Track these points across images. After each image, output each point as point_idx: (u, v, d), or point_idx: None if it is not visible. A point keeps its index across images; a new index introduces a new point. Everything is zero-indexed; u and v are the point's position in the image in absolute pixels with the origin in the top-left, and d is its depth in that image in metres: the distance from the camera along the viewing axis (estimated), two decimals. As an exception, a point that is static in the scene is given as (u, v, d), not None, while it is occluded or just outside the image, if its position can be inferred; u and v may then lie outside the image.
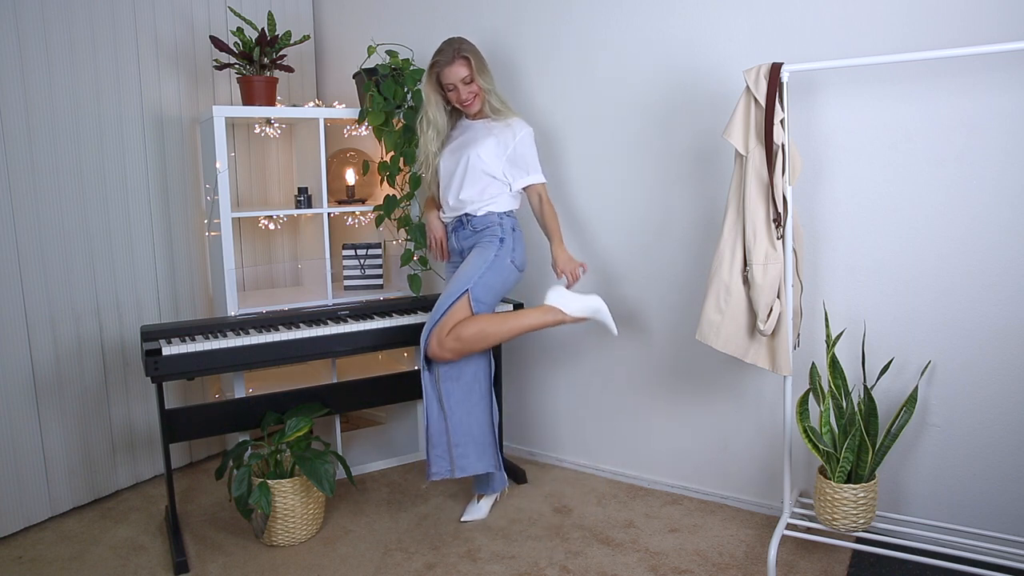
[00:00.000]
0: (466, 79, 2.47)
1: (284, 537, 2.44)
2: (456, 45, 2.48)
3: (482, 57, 2.52)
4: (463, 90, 2.49)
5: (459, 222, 2.58)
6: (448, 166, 2.57)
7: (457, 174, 2.54)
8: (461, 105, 2.53)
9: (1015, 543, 2.11)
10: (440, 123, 2.58)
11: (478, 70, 2.48)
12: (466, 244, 2.58)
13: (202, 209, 3.09)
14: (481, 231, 2.53)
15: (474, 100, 2.52)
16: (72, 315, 2.68)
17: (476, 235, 2.55)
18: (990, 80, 2.05)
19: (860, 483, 2.06)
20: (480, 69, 2.49)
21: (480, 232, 2.54)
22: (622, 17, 2.66)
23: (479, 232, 2.54)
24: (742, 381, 2.57)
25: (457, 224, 2.60)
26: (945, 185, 2.15)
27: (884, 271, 2.28)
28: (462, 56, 2.46)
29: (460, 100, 2.51)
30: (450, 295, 2.39)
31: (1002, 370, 2.14)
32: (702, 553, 2.35)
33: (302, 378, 2.98)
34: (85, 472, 2.75)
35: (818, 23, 2.28)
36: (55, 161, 2.59)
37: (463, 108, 2.55)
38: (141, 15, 2.84)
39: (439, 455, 2.41)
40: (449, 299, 2.37)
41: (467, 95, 2.50)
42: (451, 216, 2.61)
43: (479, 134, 2.54)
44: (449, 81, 2.48)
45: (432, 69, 2.50)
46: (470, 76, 2.47)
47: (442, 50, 2.49)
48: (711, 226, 2.54)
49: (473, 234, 2.55)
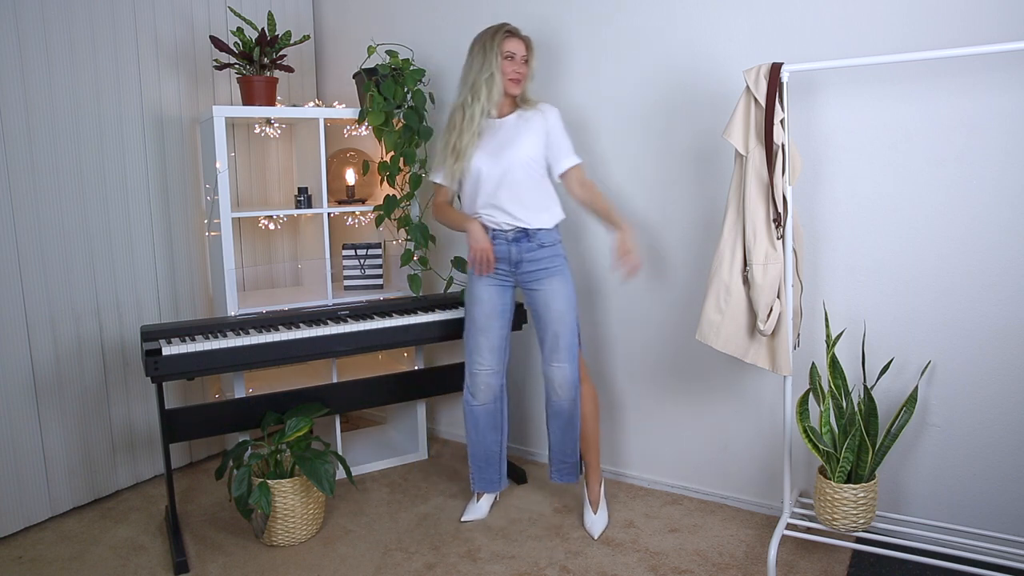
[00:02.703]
0: (525, 57, 2.43)
1: (284, 537, 2.44)
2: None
3: None
4: (520, 65, 2.42)
5: (523, 233, 2.42)
6: (490, 170, 2.41)
7: (505, 181, 2.40)
8: (510, 79, 2.41)
9: (1015, 543, 2.11)
10: (500, 90, 2.41)
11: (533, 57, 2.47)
12: (527, 257, 2.43)
13: (202, 209, 3.08)
14: (549, 246, 2.44)
15: (522, 80, 2.44)
16: (72, 315, 2.68)
17: (542, 250, 2.43)
18: (990, 80, 2.05)
19: (860, 483, 2.06)
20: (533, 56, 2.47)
21: (547, 248, 2.44)
22: (623, 19, 2.66)
23: (546, 247, 2.44)
24: (742, 381, 2.57)
25: (520, 235, 2.42)
26: (945, 185, 2.15)
27: (884, 271, 2.28)
28: (524, 37, 2.45)
29: (514, 70, 2.41)
30: (571, 329, 2.44)
31: (1002, 370, 2.14)
32: (702, 553, 2.35)
33: (302, 378, 2.98)
34: (85, 472, 2.75)
35: (818, 23, 2.28)
36: (55, 161, 2.59)
37: (509, 84, 2.41)
38: (141, 15, 2.84)
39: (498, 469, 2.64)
40: (573, 334, 2.45)
41: (522, 70, 2.43)
42: (505, 224, 2.42)
43: (513, 133, 2.43)
44: (513, 50, 2.40)
45: (501, 33, 2.41)
46: (527, 56, 2.44)
47: (508, 23, 2.45)
48: (711, 226, 2.54)
49: (539, 249, 2.43)
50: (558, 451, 2.58)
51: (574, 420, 2.52)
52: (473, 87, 2.41)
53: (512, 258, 2.45)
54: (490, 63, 2.38)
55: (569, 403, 2.49)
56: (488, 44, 2.40)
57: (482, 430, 2.59)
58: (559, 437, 2.56)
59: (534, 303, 2.48)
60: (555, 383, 2.47)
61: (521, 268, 2.45)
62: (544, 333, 2.47)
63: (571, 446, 2.56)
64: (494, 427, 2.60)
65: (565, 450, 2.57)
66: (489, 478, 2.63)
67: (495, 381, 2.55)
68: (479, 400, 2.56)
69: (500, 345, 2.53)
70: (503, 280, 2.50)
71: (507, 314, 2.54)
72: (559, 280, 2.44)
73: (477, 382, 2.55)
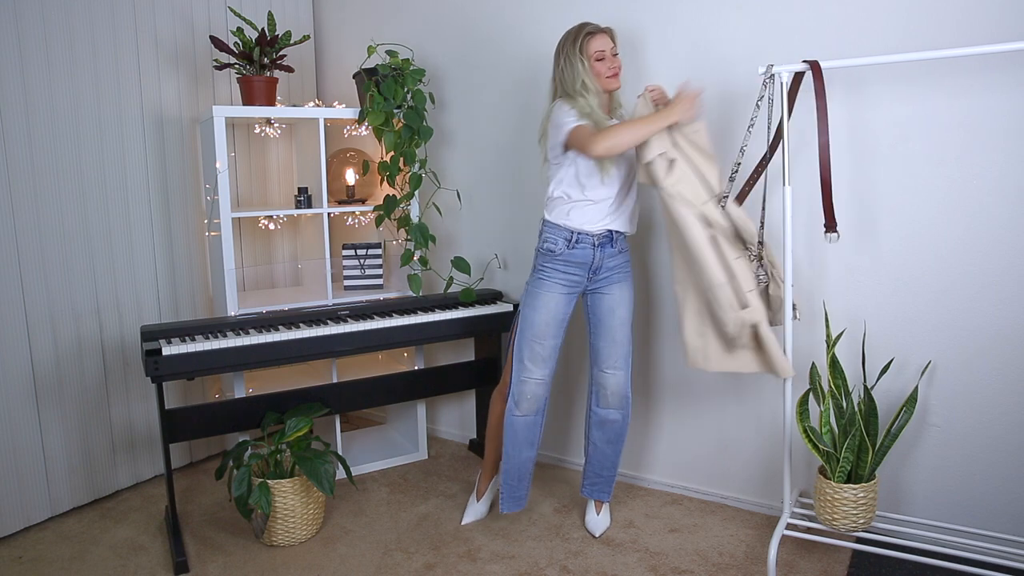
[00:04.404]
0: (614, 50, 2.29)
1: (284, 537, 2.44)
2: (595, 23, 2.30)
3: None
4: (614, 60, 2.28)
5: (609, 237, 2.31)
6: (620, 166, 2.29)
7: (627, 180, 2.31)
8: (608, 76, 2.27)
9: (1015, 543, 2.11)
10: (600, 94, 2.27)
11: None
12: (607, 264, 2.34)
13: (202, 209, 3.08)
14: (625, 251, 2.38)
15: (620, 72, 2.30)
16: (72, 315, 2.68)
17: (621, 255, 2.37)
18: (989, 80, 2.05)
19: (860, 483, 2.06)
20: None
21: (625, 253, 2.39)
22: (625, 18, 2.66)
23: (624, 253, 2.38)
24: (742, 381, 2.57)
25: (605, 239, 2.31)
26: (945, 185, 2.15)
27: (884, 271, 2.28)
28: (604, 29, 2.29)
29: (611, 69, 2.26)
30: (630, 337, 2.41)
31: (1002, 370, 2.14)
32: (702, 553, 2.35)
33: (302, 378, 2.98)
34: (85, 472, 2.75)
35: (818, 23, 2.28)
36: (55, 161, 2.59)
37: (608, 81, 2.27)
38: (141, 15, 2.84)
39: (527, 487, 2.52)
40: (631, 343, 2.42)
41: (618, 65, 2.29)
42: (603, 228, 2.30)
43: None
44: (601, 49, 2.24)
45: (583, 36, 2.24)
46: (615, 49, 2.29)
47: (586, 22, 2.29)
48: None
49: (618, 254, 2.36)
50: (597, 463, 2.49)
51: (622, 434, 2.45)
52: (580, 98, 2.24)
53: (594, 264, 2.32)
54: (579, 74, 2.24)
55: (619, 414, 2.42)
56: (574, 60, 2.24)
57: (520, 444, 2.42)
58: (601, 449, 2.47)
59: (598, 307, 2.39)
60: (608, 389, 2.40)
61: (599, 274, 2.35)
62: (602, 339, 2.39)
63: (613, 459, 2.48)
64: (530, 443, 2.44)
65: (605, 463, 2.49)
66: (518, 496, 2.48)
67: (542, 392, 2.39)
68: (522, 411, 2.38)
69: (554, 356, 2.38)
70: (573, 288, 2.35)
71: (567, 323, 2.38)
72: (628, 286, 2.39)
73: (524, 391, 2.37)
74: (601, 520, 2.51)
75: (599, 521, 2.51)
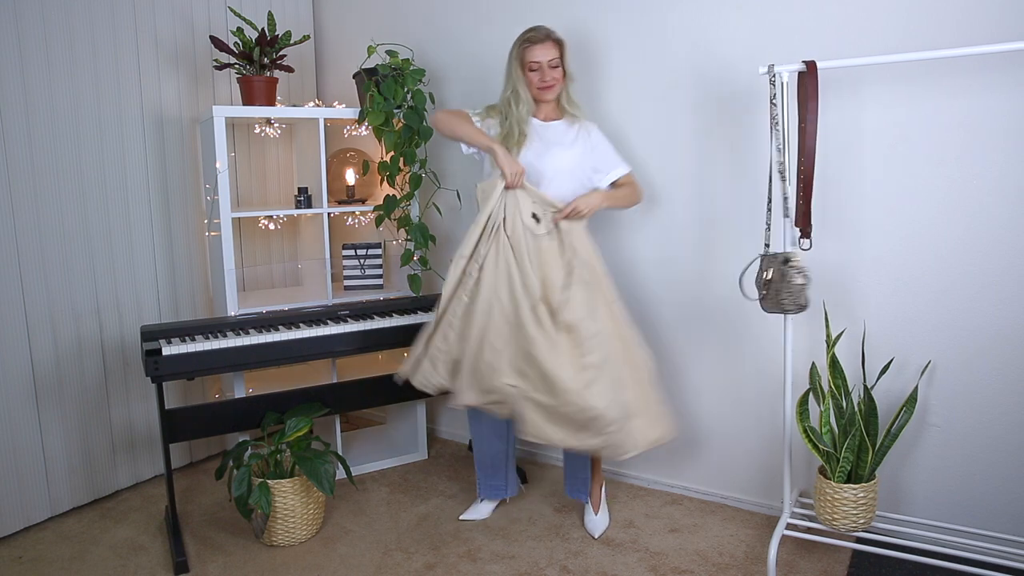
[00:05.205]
0: (553, 62, 2.34)
1: (284, 537, 2.44)
2: (548, 29, 2.36)
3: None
4: (548, 72, 2.34)
5: None
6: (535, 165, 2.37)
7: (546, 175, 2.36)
8: (539, 88, 2.35)
9: (1015, 543, 2.11)
10: (530, 103, 2.37)
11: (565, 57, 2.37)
12: None
13: (202, 209, 3.08)
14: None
15: (555, 85, 2.36)
16: (72, 315, 2.68)
17: None
18: (989, 80, 2.05)
19: (860, 483, 2.06)
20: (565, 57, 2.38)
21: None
22: (622, 15, 2.66)
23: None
24: (742, 381, 2.57)
25: None
26: (945, 185, 2.15)
27: (884, 271, 2.28)
28: (554, 39, 2.35)
29: (542, 81, 2.34)
30: None
31: (1002, 370, 2.14)
32: (702, 553, 2.35)
33: (302, 378, 2.98)
34: (85, 472, 2.75)
35: (818, 23, 2.28)
36: (55, 161, 2.59)
37: (539, 93, 2.36)
38: (141, 15, 2.84)
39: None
40: None
41: (550, 78, 2.34)
42: None
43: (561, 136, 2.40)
44: (535, 59, 2.32)
45: (521, 44, 2.35)
46: (558, 60, 2.35)
47: (535, 28, 2.36)
48: (709, 224, 2.54)
49: None
50: (571, 464, 2.54)
51: None
52: (506, 105, 2.38)
53: None
54: (512, 80, 2.37)
55: None
56: (513, 66, 2.37)
57: (485, 435, 2.56)
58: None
59: None
60: None
61: None
62: None
63: (583, 460, 2.50)
64: (499, 435, 2.56)
65: (578, 464, 2.52)
66: (495, 485, 2.61)
67: None
68: None
69: None
70: None
71: None
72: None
73: None
74: (599, 520, 2.51)
75: (597, 521, 2.51)
